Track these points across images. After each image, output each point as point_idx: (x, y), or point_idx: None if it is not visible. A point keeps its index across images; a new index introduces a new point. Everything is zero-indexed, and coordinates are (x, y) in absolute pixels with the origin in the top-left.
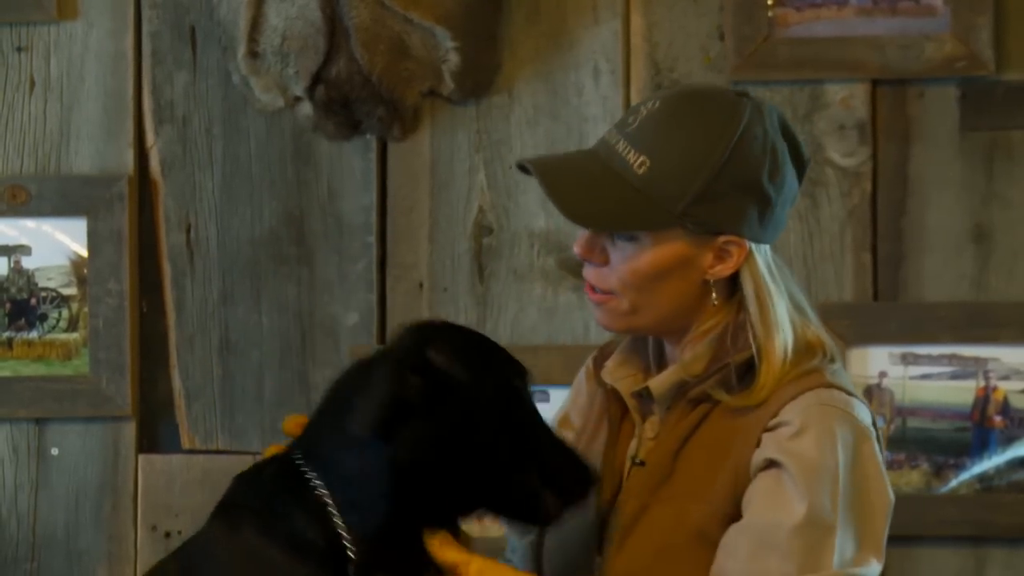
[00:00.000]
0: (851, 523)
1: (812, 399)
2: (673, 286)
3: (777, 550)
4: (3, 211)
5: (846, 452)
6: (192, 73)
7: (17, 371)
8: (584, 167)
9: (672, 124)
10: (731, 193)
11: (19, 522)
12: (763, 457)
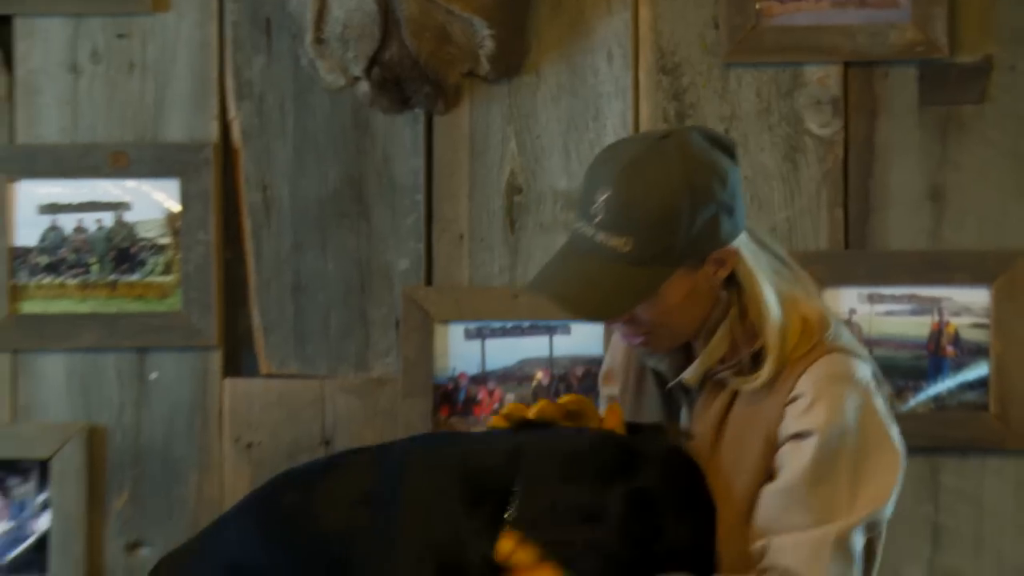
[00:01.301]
0: (862, 475)
1: (819, 370)
2: (694, 306)
3: (800, 505)
4: (108, 173)
5: (854, 415)
6: (267, 57)
7: (121, 308)
8: (583, 271)
9: (631, 202)
10: (704, 220)
11: (124, 435)
12: (790, 431)
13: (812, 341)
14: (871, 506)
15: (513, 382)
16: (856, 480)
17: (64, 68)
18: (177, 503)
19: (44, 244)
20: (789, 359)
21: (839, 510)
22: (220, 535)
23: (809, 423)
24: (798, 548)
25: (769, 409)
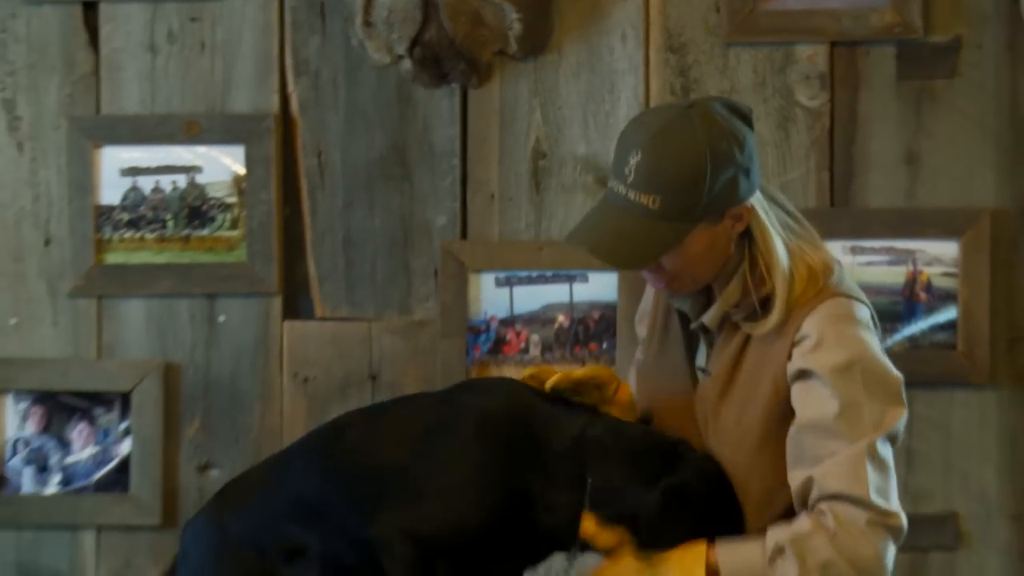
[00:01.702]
0: (875, 397)
1: (823, 312)
2: (713, 256)
3: (829, 434)
4: (182, 140)
5: (857, 347)
6: (321, 37)
7: (193, 259)
8: (616, 225)
9: (659, 165)
10: (724, 181)
11: (195, 371)
12: (795, 368)
13: (817, 287)
14: (888, 421)
15: (537, 324)
16: (871, 402)
17: (143, 48)
18: (242, 430)
19: (126, 203)
20: (796, 303)
21: (864, 430)
22: (285, 469)
23: (815, 362)
24: (839, 470)
25: (778, 349)
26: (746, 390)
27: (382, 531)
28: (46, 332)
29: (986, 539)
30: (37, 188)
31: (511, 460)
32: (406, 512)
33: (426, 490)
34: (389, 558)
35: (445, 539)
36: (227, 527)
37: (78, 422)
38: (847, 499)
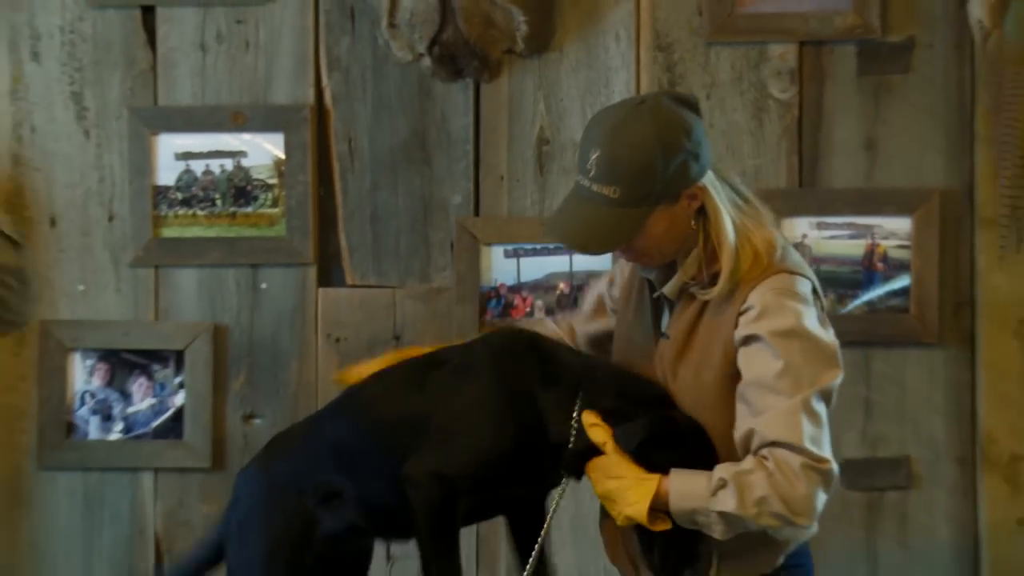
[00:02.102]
0: (810, 360)
1: (767, 286)
2: (675, 233)
3: (770, 390)
4: (229, 128)
5: (794, 317)
6: (351, 38)
7: (239, 233)
8: (584, 216)
9: (615, 158)
10: (676, 166)
11: (240, 332)
12: (741, 335)
13: (762, 264)
14: (822, 381)
15: (541, 291)
16: (807, 363)
17: (195, 47)
18: (281, 384)
19: (179, 184)
20: (743, 279)
21: (800, 387)
22: (324, 423)
23: (758, 328)
24: (777, 421)
25: (728, 318)
26: (701, 353)
27: (411, 473)
28: (110, 298)
29: (934, 479)
30: (102, 171)
31: (525, 394)
32: (432, 455)
33: (450, 433)
34: (417, 497)
35: (468, 477)
36: (273, 474)
37: (138, 377)
38: (784, 445)
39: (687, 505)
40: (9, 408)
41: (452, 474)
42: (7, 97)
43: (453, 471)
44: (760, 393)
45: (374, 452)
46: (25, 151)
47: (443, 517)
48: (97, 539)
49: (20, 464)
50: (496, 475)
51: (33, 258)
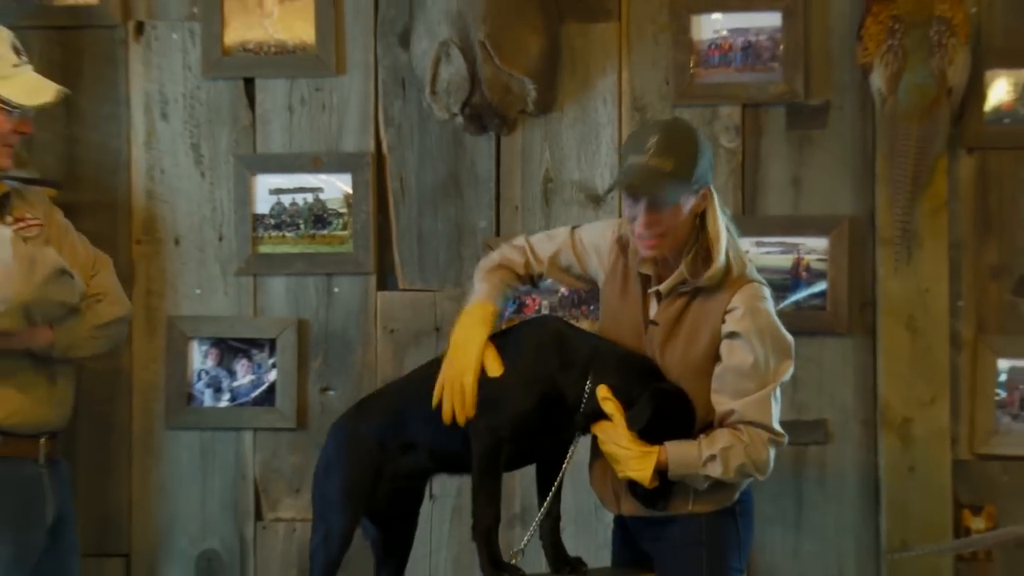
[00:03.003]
0: (776, 354)
1: (746, 292)
2: (688, 223)
3: (746, 377)
4: (310, 170)
5: (767, 319)
6: (403, 101)
7: (317, 250)
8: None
9: (673, 141)
10: (705, 162)
11: (319, 325)
12: (728, 330)
13: (742, 270)
14: (783, 371)
15: (547, 293)
16: (773, 357)
17: (284, 108)
18: (349, 365)
19: (272, 212)
20: (727, 281)
21: (768, 378)
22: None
23: (740, 326)
24: (752, 405)
25: (715, 313)
26: (687, 337)
27: (476, 426)
28: (220, 299)
29: (845, 437)
30: (214, 203)
31: (549, 371)
32: (487, 414)
33: (498, 399)
34: (477, 444)
35: (511, 429)
36: (358, 427)
37: (241, 359)
38: (759, 425)
39: (682, 471)
40: (145, 382)
41: (499, 427)
42: (143, 147)
43: (500, 425)
44: (738, 378)
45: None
46: (156, 188)
47: (492, 459)
48: (210, 481)
49: (152, 425)
50: (529, 429)
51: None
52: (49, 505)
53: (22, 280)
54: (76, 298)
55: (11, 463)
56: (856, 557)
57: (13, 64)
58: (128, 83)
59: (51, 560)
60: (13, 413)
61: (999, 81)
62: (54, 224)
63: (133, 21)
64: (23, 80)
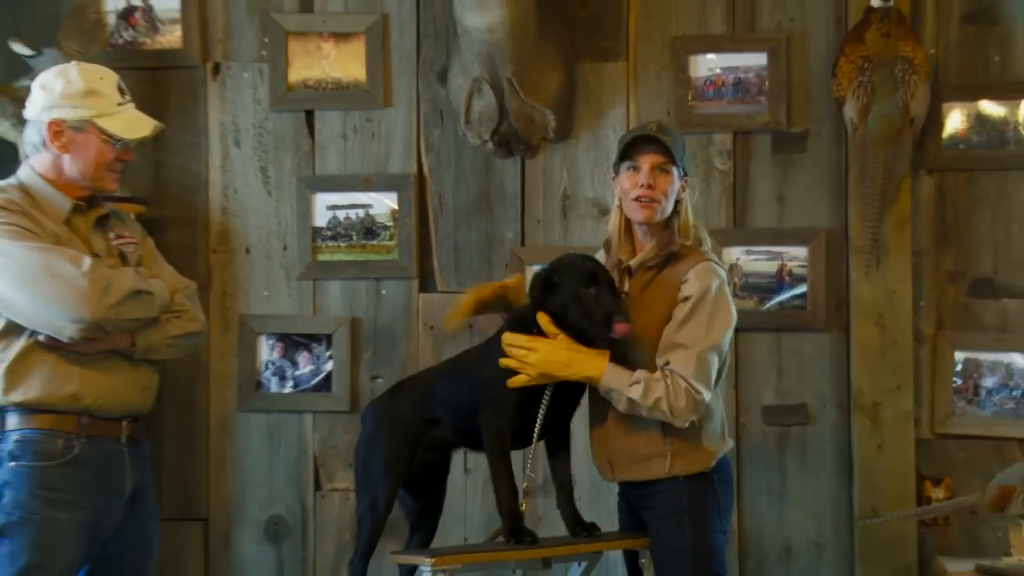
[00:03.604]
0: (714, 322)
1: (701, 268)
2: (671, 198)
3: (682, 333)
4: (361, 189)
5: (716, 292)
6: (441, 130)
7: (367, 258)
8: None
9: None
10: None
11: (369, 322)
12: (681, 296)
13: (696, 248)
14: (714, 339)
15: None
16: (709, 324)
17: (339, 136)
18: (395, 356)
19: (329, 225)
20: (684, 256)
21: (699, 338)
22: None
23: (690, 291)
24: (681, 359)
25: (673, 283)
26: (650, 305)
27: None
28: (284, 299)
29: (823, 419)
30: (279, 217)
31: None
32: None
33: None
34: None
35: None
36: (394, 405)
37: (302, 351)
38: (679, 375)
39: (610, 385)
40: (220, 372)
41: (498, 412)
42: (219, 170)
43: (499, 410)
44: (675, 333)
45: (460, 397)
46: (230, 205)
47: (499, 443)
48: (276, 457)
49: (226, 408)
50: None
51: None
52: (128, 479)
53: (96, 301)
54: (154, 312)
55: (96, 441)
56: (832, 523)
57: (118, 103)
58: (206, 115)
59: (131, 525)
60: (100, 398)
61: (955, 112)
62: (147, 246)
63: (211, 63)
64: (126, 117)
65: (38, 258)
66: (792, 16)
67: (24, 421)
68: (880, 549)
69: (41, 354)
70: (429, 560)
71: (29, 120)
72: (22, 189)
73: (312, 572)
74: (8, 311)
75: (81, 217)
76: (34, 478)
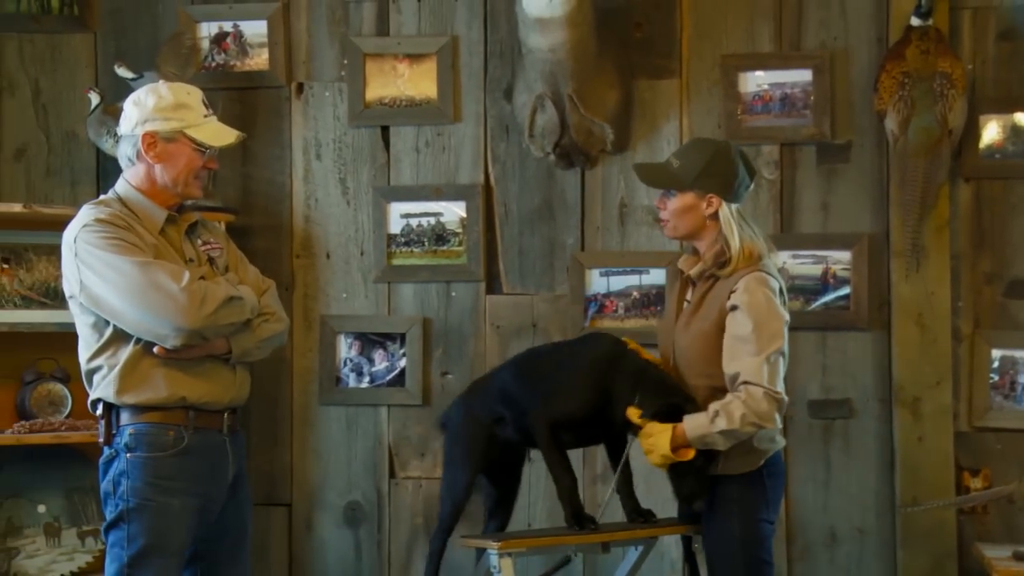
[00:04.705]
0: (770, 327)
1: (750, 277)
2: (689, 217)
3: (743, 341)
4: (432, 198)
5: (765, 299)
6: (507, 143)
7: (438, 262)
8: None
9: (691, 150)
10: (710, 176)
11: (440, 322)
12: (730, 304)
13: (749, 262)
14: (776, 344)
15: (622, 297)
16: (766, 330)
17: (412, 149)
18: (464, 354)
19: (403, 232)
20: (737, 268)
21: (762, 344)
22: (497, 375)
23: (740, 300)
24: (750, 368)
25: (724, 292)
26: (705, 312)
27: (534, 413)
28: (361, 301)
29: (866, 412)
30: (357, 225)
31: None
32: (547, 405)
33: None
34: (536, 430)
35: (560, 419)
36: (469, 405)
37: (378, 349)
38: (753, 384)
39: (697, 433)
40: (303, 368)
41: (552, 418)
42: (302, 181)
43: (551, 416)
44: (736, 343)
45: (523, 396)
46: (312, 214)
47: (549, 441)
48: (353, 447)
49: (309, 402)
50: (577, 423)
51: None
52: (230, 467)
53: (194, 313)
54: (247, 315)
55: (202, 433)
56: (875, 511)
57: (204, 115)
58: (291, 131)
59: (231, 511)
60: (204, 394)
61: (991, 124)
62: (231, 249)
63: (295, 82)
64: (211, 127)
65: (143, 272)
66: (836, 35)
67: (137, 416)
68: (921, 536)
69: (149, 359)
70: (496, 544)
71: (123, 136)
72: (122, 202)
73: (387, 554)
74: (116, 320)
75: (173, 227)
76: (149, 468)
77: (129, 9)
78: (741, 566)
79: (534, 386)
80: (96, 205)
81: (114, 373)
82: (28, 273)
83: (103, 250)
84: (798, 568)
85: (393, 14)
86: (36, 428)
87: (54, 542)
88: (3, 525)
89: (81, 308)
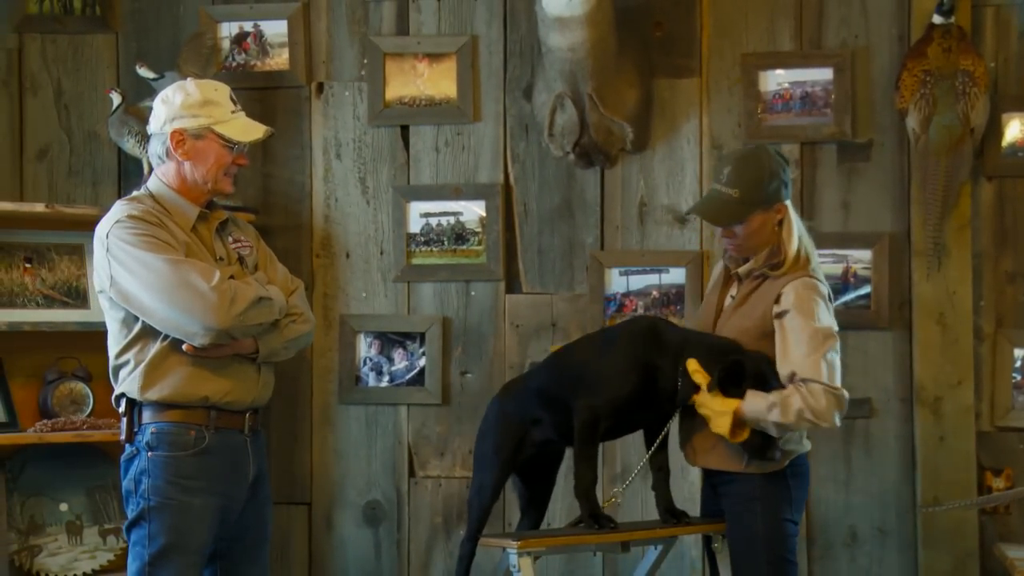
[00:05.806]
0: (822, 326)
1: (799, 282)
2: (763, 233)
3: (799, 343)
4: (452, 197)
5: (814, 304)
6: (526, 142)
7: (458, 261)
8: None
9: (741, 171)
10: (774, 188)
11: (459, 322)
12: (779, 309)
13: (802, 266)
14: (831, 342)
15: (641, 296)
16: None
17: (432, 149)
18: (483, 353)
19: (422, 231)
20: (788, 271)
21: (817, 344)
22: (533, 375)
23: (790, 305)
24: (808, 366)
25: (771, 293)
26: (749, 310)
27: (577, 403)
28: (381, 300)
29: (887, 412)
30: (377, 224)
31: (644, 355)
32: (589, 393)
33: (598, 382)
34: (577, 419)
35: (607, 406)
36: (504, 406)
37: (397, 348)
38: (812, 380)
39: (754, 418)
40: (323, 367)
41: (597, 405)
42: (322, 181)
43: (598, 403)
44: (793, 346)
45: (564, 392)
46: (332, 213)
47: (590, 432)
48: (373, 446)
49: (329, 401)
50: (623, 407)
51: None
52: (251, 467)
53: (223, 312)
54: (275, 316)
55: (224, 433)
56: (896, 510)
57: (231, 111)
58: (311, 131)
59: (251, 509)
60: (227, 394)
61: (1013, 122)
62: (262, 250)
63: (315, 82)
64: (239, 123)
65: (174, 270)
66: (857, 33)
67: (159, 415)
68: (942, 536)
69: (176, 356)
70: (515, 543)
71: (153, 134)
72: (154, 199)
73: (407, 552)
74: (145, 316)
75: (204, 224)
76: (170, 467)
77: (151, 10)
78: (764, 565)
79: (574, 379)
80: (129, 201)
81: (140, 369)
82: (50, 273)
83: (135, 247)
84: (819, 568)
85: (413, 13)
86: (58, 427)
87: (76, 540)
88: (26, 523)
89: (111, 303)
